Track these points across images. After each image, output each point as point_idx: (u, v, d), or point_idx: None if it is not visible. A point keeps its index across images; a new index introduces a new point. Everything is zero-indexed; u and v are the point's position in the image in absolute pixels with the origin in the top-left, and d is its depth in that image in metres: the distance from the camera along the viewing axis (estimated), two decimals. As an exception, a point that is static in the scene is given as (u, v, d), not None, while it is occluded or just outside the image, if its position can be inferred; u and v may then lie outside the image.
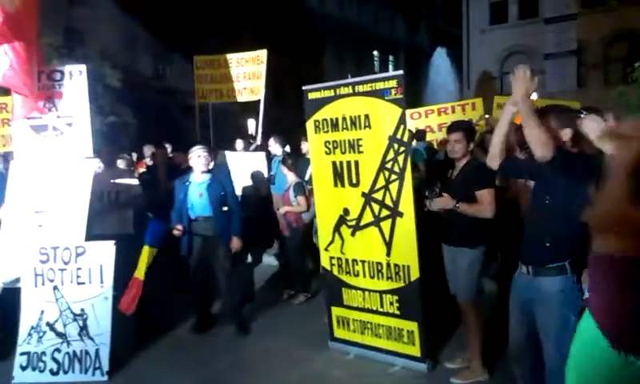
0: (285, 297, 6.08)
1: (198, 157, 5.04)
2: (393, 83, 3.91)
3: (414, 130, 8.00)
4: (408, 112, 8.07)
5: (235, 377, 4.28)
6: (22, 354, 4.26)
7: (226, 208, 5.07)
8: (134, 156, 8.74)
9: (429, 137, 8.41)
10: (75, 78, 4.84)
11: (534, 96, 3.11)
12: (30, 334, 4.30)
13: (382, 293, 4.25)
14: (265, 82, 8.92)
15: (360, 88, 4.09)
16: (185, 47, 16.00)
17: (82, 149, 4.77)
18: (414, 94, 20.76)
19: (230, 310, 5.19)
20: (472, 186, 3.77)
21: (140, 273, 4.65)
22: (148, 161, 8.38)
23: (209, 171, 5.13)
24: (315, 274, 6.08)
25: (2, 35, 4.08)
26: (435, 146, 8.07)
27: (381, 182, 4.08)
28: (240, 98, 9.27)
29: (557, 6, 22.16)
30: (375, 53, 35.47)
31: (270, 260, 7.63)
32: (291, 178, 6.01)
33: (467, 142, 3.87)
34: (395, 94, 3.89)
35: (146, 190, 5.86)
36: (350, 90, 4.15)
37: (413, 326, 4.10)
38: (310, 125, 4.45)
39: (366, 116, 4.07)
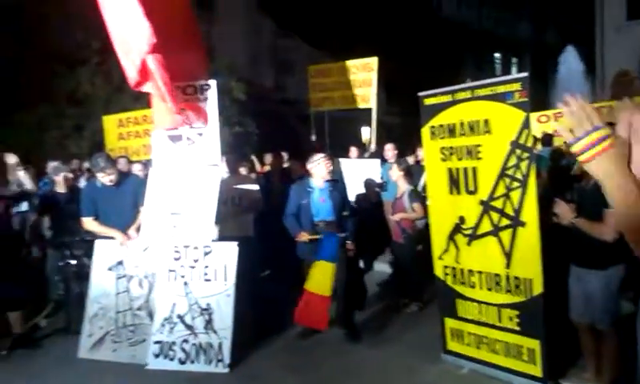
0: (397, 305, 6.01)
1: (322, 164, 5.19)
2: (516, 86, 3.73)
3: (540, 135, 7.52)
4: (534, 115, 7.59)
5: (346, 381, 4.33)
6: (156, 342, 4.69)
7: (345, 213, 5.18)
8: (257, 163, 9.23)
9: (559, 141, 7.83)
10: (206, 92, 5.24)
11: None
12: (162, 325, 4.72)
13: (500, 306, 4.04)
14: (376, 89, 8.94)
15: (480, 92, 3.96)
16: (304, 58, 16.61)
17: (211, 157, 5.13)
18: (540, 97, 19.44)
19: (343, 314, 5.25)
20: (603, 200, 3.40)
21: (327, 290, 4.75)
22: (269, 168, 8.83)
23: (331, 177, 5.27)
24: (428, 282, 5.97)
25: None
26: (564, 152, 7.48)
27: (501, 190, 3.89)
28: (351, 106, 9.39)
29: None
30: (497, 55, 33.84)
31: (381, 267, 7.60)
32: (402, 184, 5.95)
33: None
34: (519, 98, 3.70)
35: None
36: (468, 94, 4.03)
37: (534, 343, 3.84)
38: (425, 131, 4.38)
39: (486, 121, 3.92)
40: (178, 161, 5.18)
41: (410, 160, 7.44)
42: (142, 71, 4.49)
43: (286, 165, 8.92)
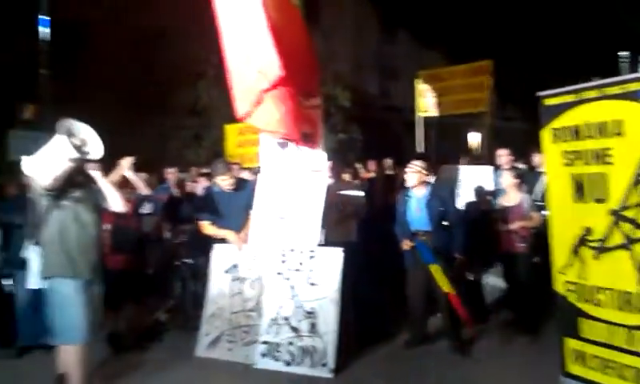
0: (510, 320, 5.66)
1: (412, 172, 5.11)
2: (654, 83, 3.34)
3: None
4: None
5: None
6: (263, 342, 4.82)
7: (445, 223, 4.99)
8: (361, 170, 9.22)
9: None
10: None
11: None
12: (270, 326, 4.84)
13: (631, 328, 3.62)
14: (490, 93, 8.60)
15: (610, 90, 3.61)
16: (409, 64, 16.42)
17: (317, 163, 5.21)
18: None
19: (448, 325, 5.06)
20: None
21: (449, 287, 4.84)
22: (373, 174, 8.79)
23: (431, 186, 5.15)
24: (546, 297, 5.56)
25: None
26: None
27: (635, 198, 3.49)
28: (463, 111, 9.10)
29: None
30: (623, 53, 30.81)
31: (492, 280, 7.22)
32: (514, 192, 5.61)
33: None
34: (657, 95, 3.31)
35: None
36: (596, 93, 3.69)
37: (672, 372, 3.39)
38: (546, 134, 4.07)
39: (618, 122, 3.56)
40: (285, 166, 5.31)
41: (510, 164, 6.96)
42: (257, 103, 4.58)
43: (389, 172, 8.83)
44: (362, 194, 6.32)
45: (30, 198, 4.44)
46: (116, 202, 4.23)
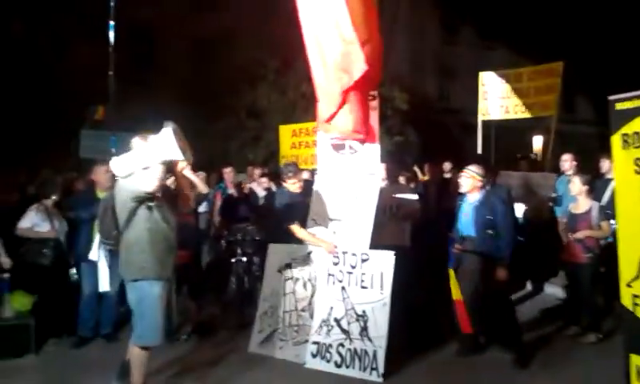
0: (572, 334, 5.40)
1: (466, 177, 5.00)
2: None
3: None
4: None
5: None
6: (314, 343, 4.84)
7: (490, 231, 4.83)
8: (419, 173, 9.10)
9: None
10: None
11: None
12: (320, 326, 4.86)
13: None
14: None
15: (687, 93, 3.35)
16: (469, 65, 16.03)
17: (371, 166, 5.16)
18: None
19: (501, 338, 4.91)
20: None
21: (457, 294, 4.80)
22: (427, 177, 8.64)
23: (485, 192, 5.02)
24: (610, 310, 5.30)
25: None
26: None
27: None
28: (529, 114, 8.77)
29: None
30: None
31: (552, 290, 6.93)
32: (584, 199, 5.35)
33: None
34: None
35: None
36: (673, 96, 3.44)
37: None
38: (616, 139, 3.84)
39: (695, 128, 3.30)
40: (340, 169, 5.30)
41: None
42: (341, 105, 4.65)
43: (447, 175, 8.65)
44: (416, 197, 6.23)
45: (103, 198, 4.39)
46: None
